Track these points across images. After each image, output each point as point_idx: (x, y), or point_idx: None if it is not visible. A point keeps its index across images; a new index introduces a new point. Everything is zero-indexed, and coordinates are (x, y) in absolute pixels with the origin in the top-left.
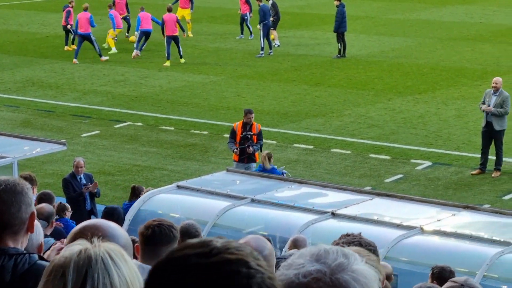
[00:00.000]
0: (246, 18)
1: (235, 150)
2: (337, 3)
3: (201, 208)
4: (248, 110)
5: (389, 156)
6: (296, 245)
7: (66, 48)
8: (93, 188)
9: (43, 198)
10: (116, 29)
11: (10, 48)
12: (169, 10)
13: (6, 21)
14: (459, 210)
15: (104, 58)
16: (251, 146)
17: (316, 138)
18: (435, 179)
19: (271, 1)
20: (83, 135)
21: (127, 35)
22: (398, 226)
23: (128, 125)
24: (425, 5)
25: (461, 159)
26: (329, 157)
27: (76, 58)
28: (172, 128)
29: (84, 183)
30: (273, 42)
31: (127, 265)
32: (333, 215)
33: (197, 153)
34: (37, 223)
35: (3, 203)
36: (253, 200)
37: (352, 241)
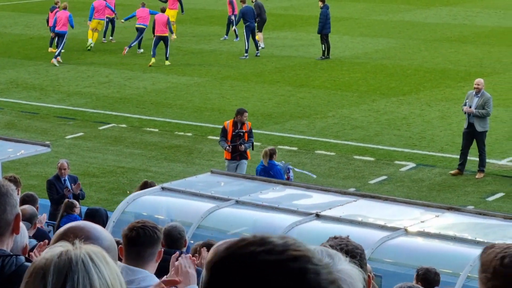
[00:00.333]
0: (233, 20)
1: (227, 148)
2: (321, 5)
3: (186, 210)
4: (241, 110)
5: (373, 158)
6: None
7: (50, 50)
8: (76, 190)
9: (26, 200)
10: (94, 20)
11: None
12: (163, 11)
13: None
14: (443, 212)
15: (55, 61)
16: (243, 144)
17: (300, 140)
18: (419, 181)
19: (255, 2)
20: (67, 137)
21: (112, 38)
22: (382, 228)
23: (113, 127)
24: (409, 7)
25: (445, 161)
26: (313, 159)
27: (59, 57)
28: (157, 130)
29: (68, 185)
30: (258, 44)
31: (108, 267)
32: (318, 217)
33: (182, 155)
34: (22, 225)
35: None
36: (238, 202)
37: (339, 244)
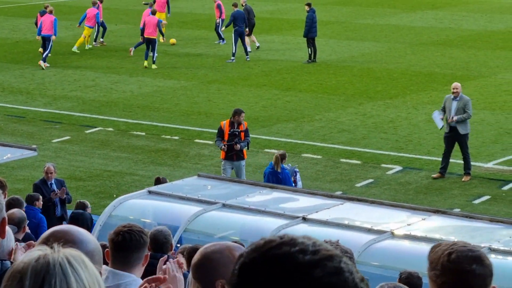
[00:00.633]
0: (219, 24)
1: (223, 147)
2: (308, 8)
3: (172, 213)
4: (238, 111)
5: (360, 161)
6: None
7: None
8: (61, 194)
9: (12, 204)
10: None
11: None
12: (153, 13)
13: None
14: (430, 215)
15: (42, 64)
16: (239, 143)
17: (287, 143)
18: (406, 184)
19: (245, 6)
20: (54, 141)
21: (102, 40)
22: (369, 231)
23: (99, 131)
24: (395, 10)
25: (432, 164)
26: (300, 162)
27: (45, 61)
28: (143, 133)
29: (54, 189)
30: (254, 44)
31: (87, 271)
32: (304, 220)
33: (168, 158)
34: (8, 229)
35: None
36: (224, 205)
37: None
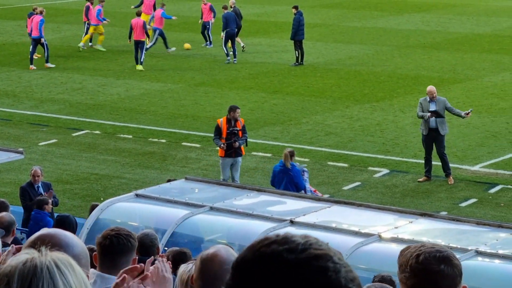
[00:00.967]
0: (208, 27)
1: (222, 146)
2: (295, 11)
3: (160, 217)
4: (234, 107)
5: (347, 164)
6: None
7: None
8: (49, 197)
9: None
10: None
11: None
12: (138, 15)
13: None
14: (417, 218)
15: (49, 65)
16: (237, 141)
17: (274, 146)
18: (393, 187)
19: (233, 8)
20: (41, 144)
21: (91, 44)
22: (356, 234)
23: (86, 134)
24: (382, 13)
25: (418, 167)
26: None
27: (33, 64)
28: (130, 136)
29: (41, 192)
30: (239, 45)
31: (75, 275)
32: (292, 223)
33: (156, 161)
34: None
35: None
36: (212, 208)
37: None
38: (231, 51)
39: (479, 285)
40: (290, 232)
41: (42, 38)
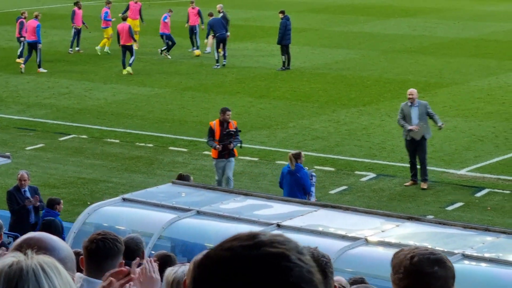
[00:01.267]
0: (196, 31)
1: (218, 147)
2: (282, 16)
3: (147, 221)
4: (225, 109)
5: (334, 168)
6: None
7: (17, 61)
8: (35, 202)
9: None
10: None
11: None
12: (124, 20)
13: None
14: (403, 221)
15: (41, 70)
16: (232, 142)
17: (261, 150)
18: (380, 191)
19: (222, 14)
20: (28, 148)
21: (78, 49)
22: (343, 237)
23: (73, 138)
24: (369, 18)
25: (405, 171)
26: (274, 169)
27: (24, 64)
28: (117, 141)
29: (27, 197)
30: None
31: (61, 278)
32: (279, 227)
33: (142, 166)
34: None
35: None
36: (199, 212)
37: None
38: (221, 54)
39: None
40: (269, 231)
41: (39, 43)
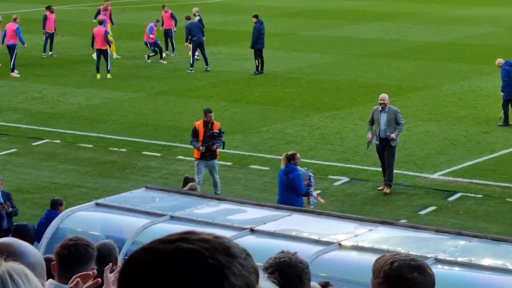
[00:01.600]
0: (171, 35)
1: (201, 148)
2: (255, 20)
3: (120, 226)
4: (208, 110)
5: None
6: None
7: None
8: (7, 208)
9: None
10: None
11: None
12: (100, 23)
13: None
14: (376, 225)
15: (14, 75)
16: (215, 144)
17: (235, 155)
18: (353, 195)
19: (198, 17)
20: (0, 153)
21: (52, 53)
22: (316, 242)
23: (46, 143)
24: (342, 22)
25: (378, 175)
26: (248, 174)
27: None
28: (91, 146)
29: (1, 202)
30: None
31: (29, 284)
32: (252, 231)
33: (116, 170)
34: None
35: None
36: (172, 217)
37: (284, 257)
38: (197, 57)
39: None
40: (203, 231)
41: (25, 45)
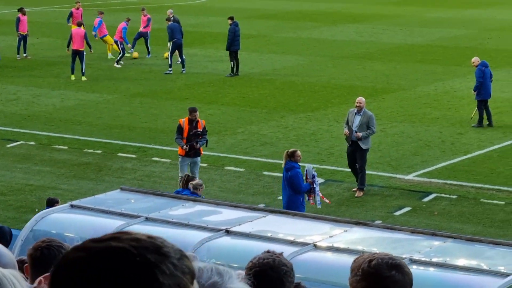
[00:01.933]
0: (147, 38)
1: (185, 147)
2: (230, 22)
3: (95, 227)
4: (193, 108)
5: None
6: None
7: None
8: None
9: None
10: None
11: None
12: (79, 25)
13: None
14: (351, 226)
15: None
16: (199, 142)
17: (210, 156)
18: (328, 196)
19: (173, 18)
20: None
21: (26, 55)
22: (292, 243)
23: (21, 145)
24: (316, 24)
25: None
26: (223, 175)
27: None
28: (66, 147)
29: None
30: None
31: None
32: (227, 233)
33: (91, 172)
34: None
35: None
36: (147, 219)
37: (268, 258)
38: (178, 62)
39: None
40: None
41: None
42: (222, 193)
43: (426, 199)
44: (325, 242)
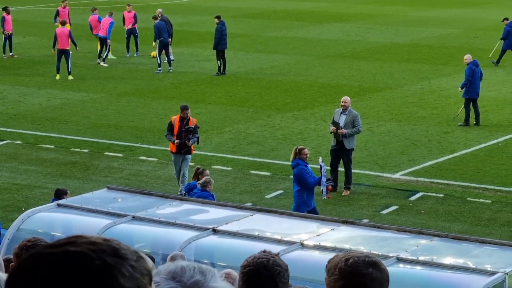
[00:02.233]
0: (137, 34)
1: (176, 142)
2: (217, 21)
3: (82, 227)
4: (184, 106)
5: (269, 172)
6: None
7: None
8: None
9: None
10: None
11: None
12: (63, 24)
13: None
14: (338, 225)
15: None
16: (190, 139)
17: (197, 155)
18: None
19: (161, 17)
20: None
21: (12, 54)
22: (279, 242)
23: (7, 144)
24: (303, 23)
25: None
26: (210, 174)
27: None
28: (52, 146)
29: None
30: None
31: None
32: (214, 231)
33: (78, 171)
34: None
35: None
36: (134, 218)
37: (262, 258)
38: (165, 60)
39: None
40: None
41: None
42: None
43: (413, 198)
44: (312, 241)
